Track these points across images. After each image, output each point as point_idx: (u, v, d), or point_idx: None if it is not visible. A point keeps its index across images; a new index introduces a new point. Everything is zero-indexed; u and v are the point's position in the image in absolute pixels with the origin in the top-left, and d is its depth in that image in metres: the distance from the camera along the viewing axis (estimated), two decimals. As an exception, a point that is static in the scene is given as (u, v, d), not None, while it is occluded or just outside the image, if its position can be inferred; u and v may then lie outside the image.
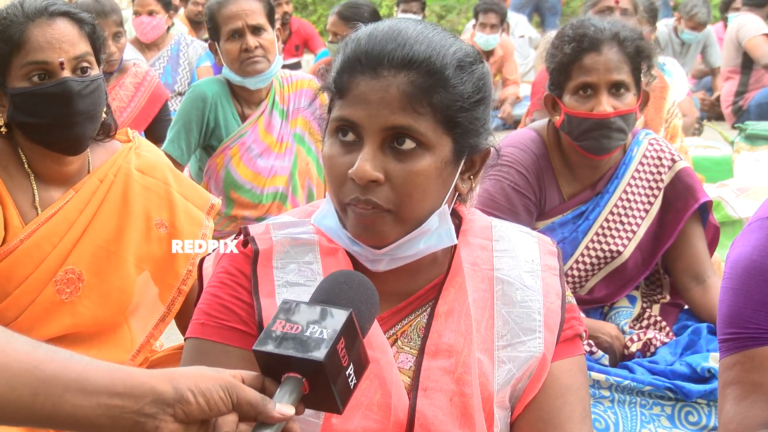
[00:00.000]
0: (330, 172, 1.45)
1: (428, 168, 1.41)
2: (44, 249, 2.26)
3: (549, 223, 2.90)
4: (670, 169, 2.94)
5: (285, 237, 1.53)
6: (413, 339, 1.52)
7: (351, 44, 1.44)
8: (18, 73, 2.18)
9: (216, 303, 1.50)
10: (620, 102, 2.75)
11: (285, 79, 3.97)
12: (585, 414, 1.54)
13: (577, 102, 2.76)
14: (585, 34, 2.75)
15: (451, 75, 1.41)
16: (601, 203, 2.90)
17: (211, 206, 2.49)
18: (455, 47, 1.44)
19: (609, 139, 2.77)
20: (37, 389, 1.07)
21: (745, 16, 8.12)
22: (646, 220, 2.93)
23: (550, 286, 1.56)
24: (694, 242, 2.95)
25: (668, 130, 4.41)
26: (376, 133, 1.40)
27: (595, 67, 2.73)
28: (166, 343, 2.70)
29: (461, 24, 13.23)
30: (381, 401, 1.45)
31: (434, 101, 1.40)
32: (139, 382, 1.11)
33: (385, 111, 1.38)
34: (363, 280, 1.29)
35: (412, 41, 1.41)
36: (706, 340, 2.84)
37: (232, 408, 1.14)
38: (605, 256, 2.90)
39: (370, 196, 1.40)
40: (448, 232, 1.49)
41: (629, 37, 2.76)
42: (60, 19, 2.20)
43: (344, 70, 1.43)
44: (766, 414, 1.59)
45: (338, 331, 1.16)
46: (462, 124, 1.43)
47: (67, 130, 2.21)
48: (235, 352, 1.47)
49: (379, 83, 1.39)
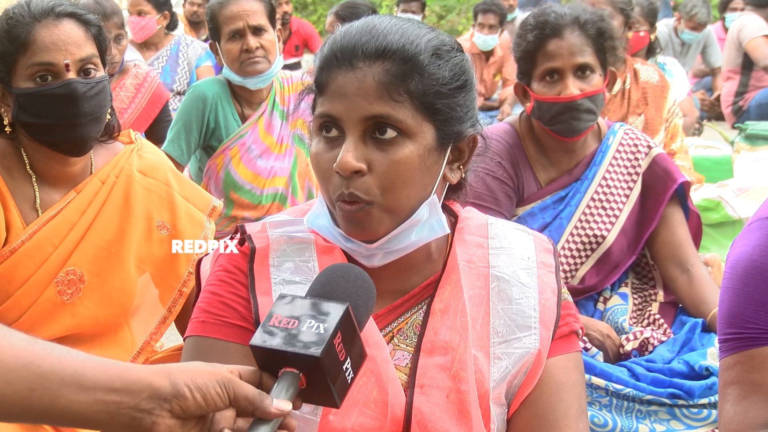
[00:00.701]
0: (317, 169, 1.46)
1: (410, 155, 1.42)
2: (45, 250, 2.26)
3: (529, 209, 2.96)
4: (647, 155, 3.01)
5: (281, 235, 1.54)
6: (409, 336, 1.53)
7: (329, 43, 1.46)
8: (23, 73, 2.18)
9: (216, 300, 1.51)
10: (587, 84, 2.83)
11: (285, 80, 3.98)
12: (581, 410, 1.55)
13: (545, 87, 2.84)
14: (546, 21, 2.83)
15: (426, 61, 1.42)
16: (581, 189, 2.96)
17: (212, 208, 2.49)
18: (430, 36, 1.46)
19: (578, 120, 2.85)
20: (34, 385, 1.07)
21: (747, 16, 8.12)
22: (627, 204, 2.98)
23: (545, 283, 1.56)
24: (674, 227, 3.01)
25: (669, 129, 4.41)
26: (356, 125, 1.41)
27: (558, 52, 2.81)
28: (166, 343, 2.71)
29: (461, 24, 13.24)
30: (378, 398, 1.45)
31: (411, 88, 1.41)
32: (135, 378, 1.11)
33: (363, 101, 1.40)
34: (359, 272, 1.29)
35: (385, 32, 1.43)
36: (700, 337, 2.86)
37: (229, 403, 1.14)
38: (590, 241, 2.95)
39: (354, 189, 1.41)
40: (440, 223, 1.49)
41: (590, 20, 2.84)
42: (66, 20, 2.20)
43: (322, 67, 1.45)
44: (767, 414, 1.59)
45: (335, 325, 1.17)
46: (442, 111, 1.44)
47: (72, 131, 2.21)
48: (236, 348, 1.47)
49: (355, 75, 1.41)
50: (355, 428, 1.44)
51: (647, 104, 4.33)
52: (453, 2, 14.44)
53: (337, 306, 1.19)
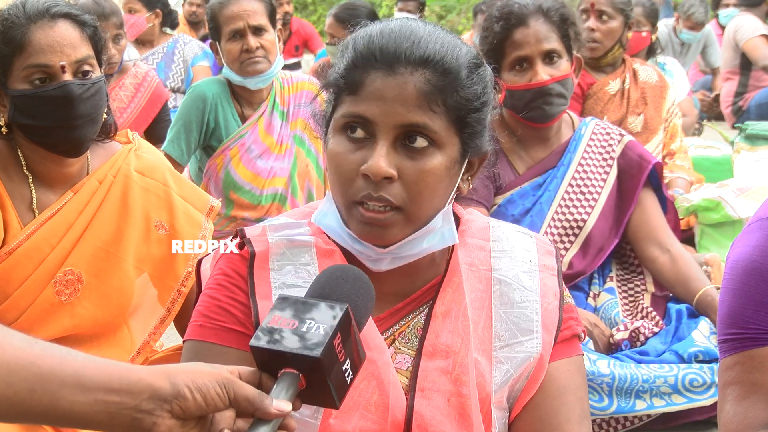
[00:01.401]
0: (337, 169, 1.43)
1: (439, 167, 1.42)
2: (43, 250, 2.26)
3: (508, 196, 3.04)
4: (619, 142, 3.11)
5: (281, 239, 1.53)
6: (411, 340, 1.52)
7: (362, 40, 1.43)
8: (19, 75, 2.18)
9: (213, 305, 1.50)
10: (555, 69, 2.91)
11: (286, 80, 3.98)
12: (583, 414, 1.54)
13: (515, 76, 2.92)
14: (511, 11, 2.92)
15: (465, 75, 1.42)
16: (557, 175, 3.04)
17: (210, 208, 2.49)
18: (465, 48, 1.46)
19: (551, 105, 2.93)
20: (34, 385, 1.07)
21: (742, 17, 8.11)
22: (605, 188, 3.07)
23: (547, 287, 1.55)
24: (650, 210, 3.09)
25: (668, 130, 4.41)
26: (391, 130, 1.39)
27: (526, 40, 2.89)
28: (166, 343, 2.70)
29: (461, 24, 13.24)
30: (378, 402, 1.45)
31: (449, 101, 1.40)
32: (136, 379, 1.11)
33: (402, 108, 1.38)
34: (358, 273, 1.29)
35: (426, 40, 1.41)
36: (687, 325, 2.92)
37: (229, 404, 1.14)
38: (571, 225, 3.02)
39: (383, 192, 1.40)
40: (451, 232, 1.50)
41: (553, 7, 2.93)
42: (62, 21, 2.20)
43: (356, 65, 1.42)
44: (767, 414, 1.59)
45: (334, 326, 1.16)
46: (471, 125, 1.45)
47: (68, 132, 2.21)
48: (233, 353, 1.47)
49: (396, 80, 1.39)
50: (355, 431, 1.44)
51: (646, 104, 4.33)
52: (453, 2, 14.44)
53: (337, 307, 1.19)
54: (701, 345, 2.80)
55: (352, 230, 1.45)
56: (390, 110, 1.38)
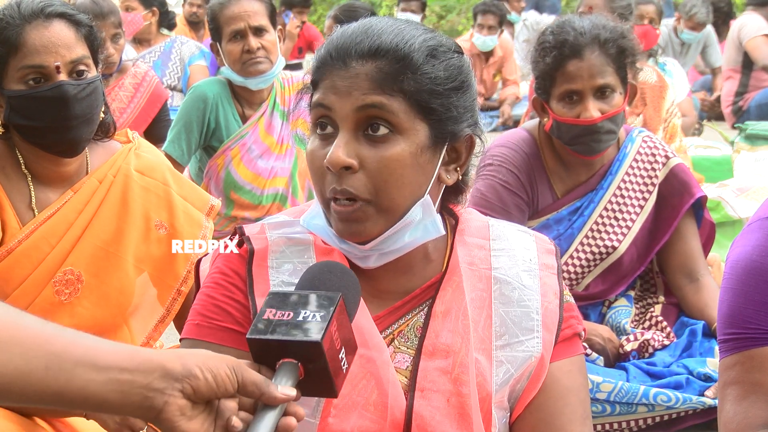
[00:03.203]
0: (311, 167, 1.46)
1: (402, 153, 1.41)
2: (43, 250, 2.26)
3: (543, 221, 2.92)
4: (664, 166, 2.97)
5: (280, 237, 1.53)
6: (410, 339, 1.52)
7: (325, 44, 1.48)
8: (14, 76, 2.17)
9: (210, 304, 1.50)
10: (607, 104, 2.76)
11: (286, 80, 3.98)
12: (585, 415, 1.54)
13: (564, 108, 2.78)
14: (565, 40, 2.75)
15: (420, 60, 1.42)
16: (595, 199, 2.92)
17: (210, 207, 2.49)
18: (426, 36, 1.46)
19: (599, 142, 2.80)
20: (49, 363, 1.08)
21: (748, 15, 8.11)
22: (641, 215, 2.95)
23: (548, 286, 1.55)
24: (688, 239, 2.98)
25: (667, 130, 4.41)
26: (349, 117, 1.41)
27: (578, 74, 2.74)
28: (166, 343, 2.70)
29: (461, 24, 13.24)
30: (377, 401, 1.44)
31: (404, 86, 1.41)
32: (147, 358, 1.13)
33: (357, 92, 1.40)
34: (345, 269, 1.31)
35: (380, 32, 1.43)
36: (701, 343, 2.85)
37: (237, 387, 1.16)
38: (600, 251, 2.92)
39: (346, 185, 1.40)
40: (434, 224, 1.49)
41: (610, 39, 2.76)
42: (57, 21, 2.19)
43: (318, 66, 1.46)
44: (767, 414, 1.59)
45: (331, 312, 1.18)
46: (437, 111, 1.44)
47: (63, 133, 2.21)
48: (231, 353, 1.46)
49: (348, 72, 1.42)
50: (354, 431, 1.43)
51: (645, 104, 4.33)
52: (453, 2, 14.44)
53: (331, 296, 1.21)
54: (713, 369, 2.73)
55: (334, 229, 1.46)
56: (345, 96, 1.41)
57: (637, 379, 2.73)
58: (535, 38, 2.89)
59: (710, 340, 2.84)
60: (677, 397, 2.64)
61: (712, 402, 2.63)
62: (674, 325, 2.99)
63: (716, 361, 2.71)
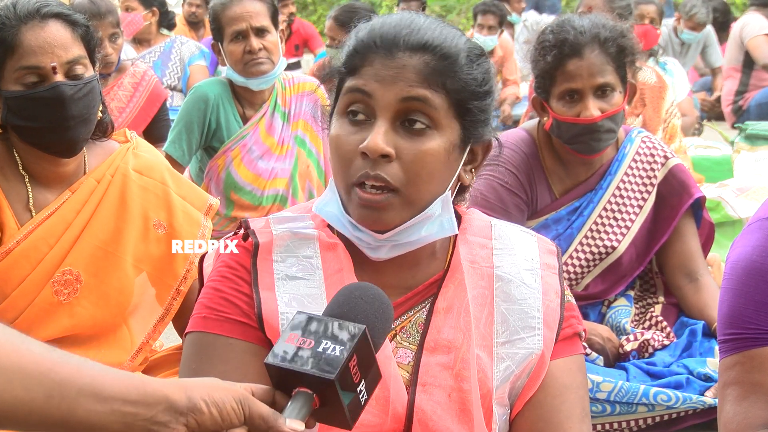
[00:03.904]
0: (337, 151, 1.45)
1: (437, 149, 1.43)
2: (41, 250, 2.25)
3: (542, 220, 2.92)
4: (663, 166, 2.97)
5: (285, 231, 1.53)
6: (412, 334, 1.52)
7: (363, 30, 1.47)
8: (11, 76, 2.17)
9: (217, 296, 1.50)
10: (607, 103, 2.77)
11: (287, 81, 3.98)
12: (584, 413, 1.55)
13: (564, 107, 2.78)
14: (565, 39, 2.75)
15: (463, 60, 1.45)
16: (594, 199, 2.92)
17: (209, 206, 2.48)
18: (464, 38, 1.49)
19: (599, 141, 2.80)
20: (51, 392, 1.06)
21: (750, 15, 8.12)
22: (640, 215, 2.95)
23: (549, 285, 1.56)
24: (687, 239, 2.98)
25: (667, 130, 4.41)
26: (390, 107, 1.41)
27: (578, 73, 2.74)
28: (165, 343, 2.70)
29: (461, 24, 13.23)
30: (379, 395, 1.44)
31: (447, 84, 1.43)
32: (152, 390, 1.11)
33: (402, 83, 1.41)
34: (378, 293, 1.28)
35: (425, 28, 1.45)
36: (701, 343, 2.84)
37: (244, 420, 1.14)
38: (599, 251, 2.92)
39: (380, 171, 1.41)
40: (450, 221, 1.50)
41: (610, 37, 2.76)
42: (53, 21, 2.18)
43: (357, 51, 1.45)
44: (766, 414, 1.59)
45: (351, 348, 1.16)
46: (472, 112, 1.46)
47: (61, 133, 2.20)
48: (238, 344, 1.47)
49: (394, 62, 1.42)
50: (356, 425, 1.44)
51: (645, 105, 4.33)
52: (453, 2, 14.45)
53: (354, 328, 1.18)
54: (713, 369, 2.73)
55: (351, 215, 1.46)
56: (390, 86, 1.41)
57: (637, 379, 2.72)
58: (535, 38, 2.88)
59: (710, 340, 2.84)
60: (677, 397, 2.64)
61: (712, 401, 2.62)
62: (674, 325, 2.99)
63: (716, 361, 2.70)
